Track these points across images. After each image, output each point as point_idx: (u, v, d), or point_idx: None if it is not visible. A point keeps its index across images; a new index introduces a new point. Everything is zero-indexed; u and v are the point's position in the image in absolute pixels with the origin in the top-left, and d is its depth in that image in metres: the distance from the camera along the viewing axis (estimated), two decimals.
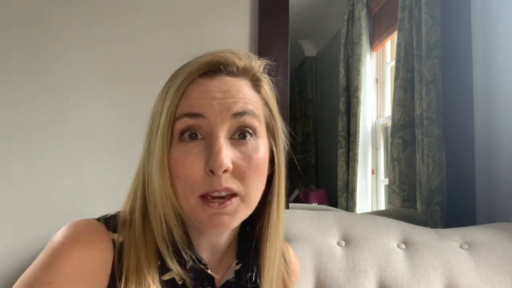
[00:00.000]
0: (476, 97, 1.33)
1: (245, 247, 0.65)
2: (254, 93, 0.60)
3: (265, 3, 1.27)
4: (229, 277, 0.64)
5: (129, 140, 1.20)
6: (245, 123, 0.57)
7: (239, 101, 0.56)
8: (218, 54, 0.59)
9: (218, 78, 0.58)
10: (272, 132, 0.62)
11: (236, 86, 0.58)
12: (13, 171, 1.14)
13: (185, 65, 0.61)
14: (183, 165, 0.55)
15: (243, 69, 0.59)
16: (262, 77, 0.62)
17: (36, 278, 0.51)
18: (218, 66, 0.58)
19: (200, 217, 0.55)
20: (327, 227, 1.03)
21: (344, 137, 1.81)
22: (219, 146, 0.54)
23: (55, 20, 1.20)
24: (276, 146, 0.62)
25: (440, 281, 0.95)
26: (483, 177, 1.30)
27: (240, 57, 0.60)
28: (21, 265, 1.08)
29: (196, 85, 0.57)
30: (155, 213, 0.57)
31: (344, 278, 0.94)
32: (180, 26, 1.26)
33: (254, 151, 0.57)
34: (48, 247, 0.54)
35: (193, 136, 0.56)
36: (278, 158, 0.62)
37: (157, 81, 1.30)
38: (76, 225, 0.56)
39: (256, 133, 0.58)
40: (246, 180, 0.56)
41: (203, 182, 0.54)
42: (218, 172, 0.53)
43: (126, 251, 0.56)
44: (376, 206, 1.78)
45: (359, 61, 1.78)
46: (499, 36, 1.28)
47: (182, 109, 0.56)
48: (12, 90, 1.16)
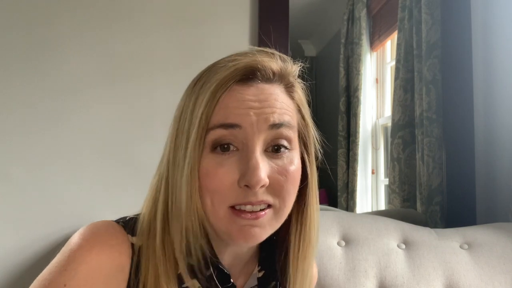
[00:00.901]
0: (476, 97, 1.33)
1: (268, 254, 0.63)
2: (289, 99, 0.57)
3: (265, 3, 1.27)
4: (252, 284, 0.63)
5: (130, 140, 1.20)
6: (282, 135, 0.54)
7: (276, 111, 0.54)
8: (254, 57, 0.55)
9: (255, 86, 0.55)
10: (304, 140, 0.60)
11: (273, 95, 0.55)
12: (13, 172, 1.14)
13: (215, 68, 0.56)
14: (214, 177, 0.52)
15: (279, 74, 0.56)
16: (296, 82, 0.60)
17: (52, 280, 0.50)
18: (255, 72, 0.54)
19: (229, 229, 0.53)
20: (327, 227, 1.03)
21: (344, 137, 1.81)
22: (256, 161, 0.51)
23: (56, 21, 1.20)
24: (309, 155, 0.60)
25: (440, 281, 0.95)
26: (483, 177, 1.30)
27: (276, 60, 0.57)
28: (22, 265, 1.08)
29: (231, 93, 0.53)
30: (177, 224, 0.54)
31: (344, 278, 0.94)
32: (180, 26, 1.26)
33: (290, 163, 0.55)
34: (65, 249, 0.53)
35: (226, 147, 0.53)
36: (311, 168, 0.60)
37: (158, 81, 1.30)
38: (94, 227, 0.55)
39: (291, 145, 0.56)
40: (283, 194, 0.54)
41: (235, 194, 0.52)
42: (256, 188, 0.51)
43: (145, 259, 0.54)
44: (376, 206, 1.78)
45: (359, 61, 1.78)
46: (499, 36, 1.28)
47: (217, 119, 0.53)
48: (13, 91, 1.16)
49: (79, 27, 1.21)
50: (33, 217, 1.14)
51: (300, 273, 0.61)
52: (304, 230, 0.60)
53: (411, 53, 1.52)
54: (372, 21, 1.82)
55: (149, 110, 1.21)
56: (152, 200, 0.58)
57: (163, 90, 1.21)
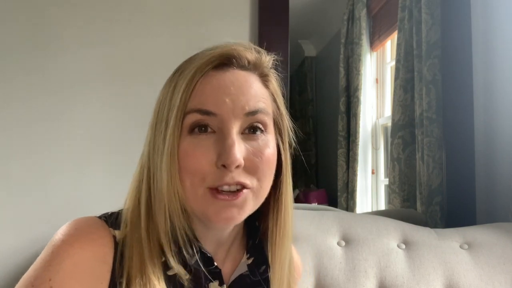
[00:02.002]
0: (476, 97, 1.33)
1: (254, 242, 0.65)
2: (264, 88, 0.60)
3: (265, 3, 1.27)
4: (242, 271, 0.64)
5: (129, 139, 1.20)
6: (257, 120, 0.57)
7: (251, 98, 0.56)
8: (230, 46, 0.58)
9: (231, 72, 0.57)
10: (279, 128, 0.62)
11: (248, 82, 0.57)
12: (13, 171, 1.14)
13: (193, 58, 0.59)
14: (192, 158, 0.54)
15: (254, 63, 0.59)
16: (270, 72, 0.62)
17: (37, 276, 0.51)
18: (231, 59, 0.57)
19: (207, 210, 0.55)
20: (327, 227, 1.03)
21: (344, 137, 1.81)
22: (232, 141, 0.53)
23: (55, 20, 1.20)
24: (283, 143, 0.62)
25: (440, 281, 0.95)
26: (483, 177, 1.30)
27: (251, 51, 0.60)
28: (22, 265, 1.09)
29: (208, 78, 0.56)
30: (160, 208, 0.56)
31: (344, 278, 0.94)
32: (180, 26, 1.26)
33: (265, 146, 0.57)
34: (49, 245, 0.54)
35: (203, 129, 0.55)
36: (285, 155, 0.62)
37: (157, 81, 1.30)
38: (76, 223, 0.56)
39: (266, 129, 0.58)
40: (259, 175, 0.56)
41: (213, 175, 0.54)
42: (231, 167, 0.53)
43: (129, 247, 0.55)
44: (376, 206, 1.78)
45: (359, 61, 1.78)
46: (499, 36, 1.28)
47: (194, 104, 0.55)
48: (12, 90, 1.16)
49: (79, 27, 1.21)
50: (33, 217, 1.14)
51: (278, 259, 0.63)
52: (280, 217, 0.62)
53: (411, 53, 1.52)
54: (372, 21, 1.82)
55: (149, 109, 1.21)
56: (136, 190, 0.60)
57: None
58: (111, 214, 0.60)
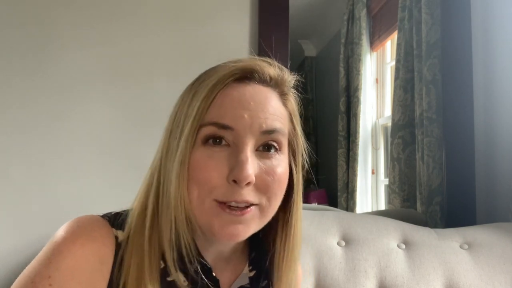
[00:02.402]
0: (476, 97, 1.33)
1: (258, 255, 0.65)
2: (282, 106, 0.59)
3: (265, 3, 1.27)
4: (243, 283, 0.63)
5: (130, 140, 1.20)
6: (273, 139, 0.56)
7: (269, 117, 0.56)
8: (253, 61, 0.58)
9: (252, 86, 0.57)
10: (292, 149, 0.62)
11: (268, 99, 0.57)
12: (13, 172, 1.14)
13: (216, 68, 0.59)
14: (204, 169, 0.53)
15: (275, 80, 0.59)
16: (290, 91, 0.62)
17: (37, 273, 0.51)
18: (253, 73, 0.57)
19: (213, 224, 0.54)
20: (327, 227, 1.03)
21: (344, 137, 1.81)
22: (245, 157, 0.53)
23: (55, 21, 1.20)
24: (296, 165, 0.61)
25: (440, 281, 0.95)
26: (483, 177, 1.30)
27: (274, 68, 0.59)
28: (22, 264, 1.08)
29: (228, 90, 0.55)
30: (166, 216, 0.55)
31: (344, 278, 0.94)
32: (180, 26, 1.26)
33: (278, 165, 0.56)
34: (50, 242, 0.54)
35: (218, 141, 0.54)
36: (297, 176, 0.62)
37: (158, 82, 1.30)
38: (79, 220, 0.56)
39: (281, 149, 0.58)
40: (269, 194, 0.55)
41: (222, 189, 0.53)
42: (242, 183, 0.52)
43: (129, 253, 0.55)
44: (376, 206, 1.78)
45: (359, 61, 1.78)
46: (499, 36, 1.28)
47: (211, 117, 0.54)
48: (13, 91, 1.16)
49: (79, 27, 1.21)
50: (33, 216, 1.14)
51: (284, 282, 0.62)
52: (288, 240, 0.62)
53: (411, 53, 1.52)
54: (372, 21, 1.82)
55: (149, 109, 1.21)
56: (144, 194, 0.59)
57: (163, 89, 1.21)
58: (115, 214, 0.60)
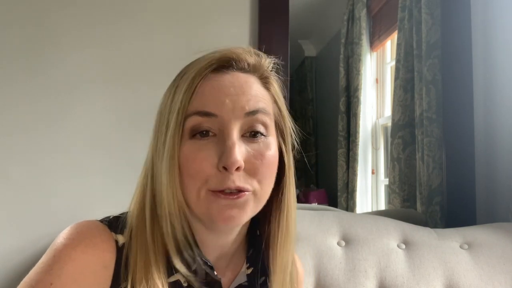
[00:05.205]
0: (476, 97, 1.33)
1: (255, 251, 0.65)
2: (264, 90, 0.60)
3: (265, 3, 1.27)
4: (241, 281, 0.63)
5: (130, 140, 1.20)
6: (258, 120, 0.57)
7: (251, 98, 0.56)
8: (229, 49, 0.59)
9: (231, 74, 0.57)
10: (281, 130, 0.62)
11: (248, 83, 0.57)
12: (13, 172, 1.14)
13: (194, 62, 0.60)
14: (194, 162, 0.54)
15: (253, 66, 0.59)
16: (271, 75, 0.62)
17: (38, 280, 0.51)
18: (230, 62, 0.58)
19: (210, 210, 0.54)
20: (327, 227, 1.03)
21: (344, 137, 1.81)
22: (232, 143, 0.53)
23: (55, 21, 1.20)
24: (285, 145, 0.62)
25: (440, 281, 0.95)
26: (483, 177, 1.30)
27: (251, 54, 0.60)
28: (22, 265, 1.09)
29: (208, 81, 0.56)
30: (162, 212, 0.56)
31: (344, 278, 0.94)
32: (180, 27, 1.26)
33: (266, 148, 0.57)
34: (50, 249, 0.54)
35: (204, 133, 0.55)
36: (288, 157, 0.62)
37: (157, 82, 1.30)
38: (78, 226, 0.56)
39: (267, 131, 0.58)
40: (259, 177, 0.56)
41: (214, 179, 0.54)
42: (231, 169, 0.53)
43: (134, 252, 0.55)
44: (376, 206, 1.78)
45: (359, 61, 1.78)
46: (499, 36, 1.28)
47: (194, 107, 0.55)
48: (13, 91, 1.16)
49: (79, 27, 1.21)
50: (33, 216, 1.14)
51: (279, 263, 0.62)
52: (282, 218, 0.62)
53: (411, 53, 1.52)
54: (372, 21, 1.82)
55: (148, 109, 1.21)
56: (141, 194, 0.60)
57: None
58: (113, 218, 0.60)
